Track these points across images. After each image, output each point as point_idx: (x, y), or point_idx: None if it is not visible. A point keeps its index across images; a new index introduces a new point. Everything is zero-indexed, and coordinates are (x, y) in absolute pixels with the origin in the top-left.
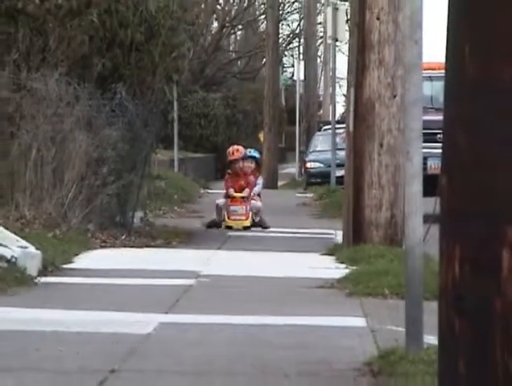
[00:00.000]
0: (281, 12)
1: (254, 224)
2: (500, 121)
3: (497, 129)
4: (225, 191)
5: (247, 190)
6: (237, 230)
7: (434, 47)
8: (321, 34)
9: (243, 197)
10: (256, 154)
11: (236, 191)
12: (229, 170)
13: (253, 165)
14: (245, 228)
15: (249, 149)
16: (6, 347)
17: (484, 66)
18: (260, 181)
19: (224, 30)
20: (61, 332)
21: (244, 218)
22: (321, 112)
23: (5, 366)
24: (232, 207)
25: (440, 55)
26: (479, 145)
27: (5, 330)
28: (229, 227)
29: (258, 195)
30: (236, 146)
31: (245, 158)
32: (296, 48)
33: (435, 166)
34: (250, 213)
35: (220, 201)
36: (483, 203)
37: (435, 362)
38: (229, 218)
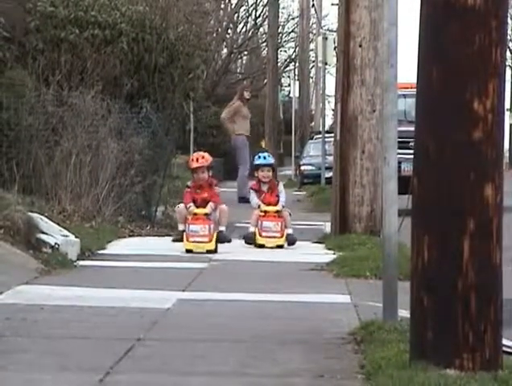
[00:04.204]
0: (279, 40)
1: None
2: (461, 129)
3: (459, 136)
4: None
5: (211, 204)
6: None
7: (407, 69)
8: (313, 58)
9: (206, 214)
10: (272, 160)
11: (198, 206)
12: (188, 183)
13: (270, 173)
14: (209, 252)
15: (263, 154)
16: (52, 319)
17: (448, 84)
18: (282, 188)
19: (232, 55)
20: (97, 307)
21: (206, 240)
22: (313, 123)
23: (52, 334)
24: (192, 227)
25: (412, 77)
26: (444, 150)
27: (51, 305)
28: (189, 251)
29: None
30: (201, 153)
31: (266, 165)
32: (292, 71)
33: (407, 168)
34: (215, 234)
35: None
36: (447, 198)
37: (407, 331)
38: (187, 239)
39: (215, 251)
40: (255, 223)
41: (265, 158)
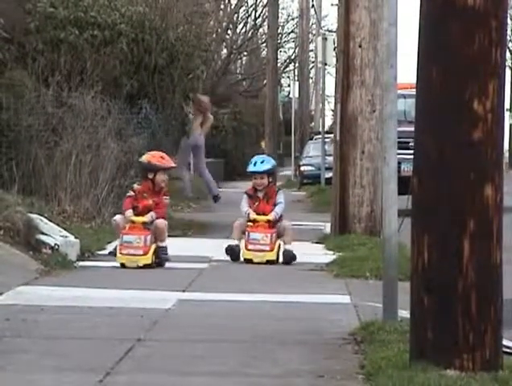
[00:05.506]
0: (279, 41)
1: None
2: (461, 129)
3: (459, 136)
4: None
5: (152, 214)
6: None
7: (407, 69)
8: (313, 59)
9: (144, 223)
10: (266, 167)
11: (137, 214)
12: (134, 186)
13: (264, 181)
14: (145, 266)
15: (256, 159)
16: (52, 320)
17: (448, 84)
18: (282, 198)
19: (231, 56)
20: (96, 307)
21: (141, 252)
22: (313, 124)
23: (52, 334)
24: (125, 237)
25: (412, 77)
26: (444, 150)
27: (51, 306)
28: (123, 265)
29: (281, 216)
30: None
31: (258, 173)
32: (292, 71)
33: (407, 169)
34: (153, 246)
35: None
36: (447, 198)
37: (407, 332)
38: (120, 252)
39: (156, 265)
40: (238, 235)
41: (255, 164)
